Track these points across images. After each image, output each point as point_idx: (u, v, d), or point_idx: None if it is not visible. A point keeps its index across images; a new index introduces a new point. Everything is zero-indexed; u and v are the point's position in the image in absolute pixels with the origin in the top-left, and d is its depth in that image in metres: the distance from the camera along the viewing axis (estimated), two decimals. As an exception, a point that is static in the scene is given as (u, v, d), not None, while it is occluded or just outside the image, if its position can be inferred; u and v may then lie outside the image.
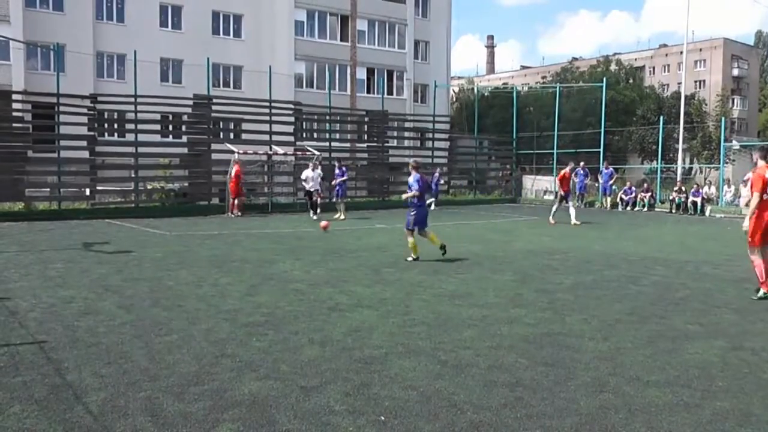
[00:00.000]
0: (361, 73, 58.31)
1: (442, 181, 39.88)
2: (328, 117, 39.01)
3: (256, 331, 8.44)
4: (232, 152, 30.25)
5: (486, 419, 5.67)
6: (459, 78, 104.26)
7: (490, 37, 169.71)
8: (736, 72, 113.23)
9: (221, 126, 38.05)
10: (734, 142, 62.22)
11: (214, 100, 33.49)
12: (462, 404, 5.99)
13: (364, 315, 9.52)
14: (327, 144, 36.82)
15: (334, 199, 25.21)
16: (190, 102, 32.61)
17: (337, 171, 26.46)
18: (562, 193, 26.37)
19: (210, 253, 16.25)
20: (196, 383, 6.39)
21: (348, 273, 13.35)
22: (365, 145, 41.00)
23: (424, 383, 6.51)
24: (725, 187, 40.61)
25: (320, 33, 56.06)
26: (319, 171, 26.55)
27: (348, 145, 41.36)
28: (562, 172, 26.86)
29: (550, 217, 26.61)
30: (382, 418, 5.61)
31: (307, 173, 26.77)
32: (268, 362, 7.07)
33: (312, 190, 26.56)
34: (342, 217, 26.09)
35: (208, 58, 34.83)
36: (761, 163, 11.24)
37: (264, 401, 5.93)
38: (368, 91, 57.73)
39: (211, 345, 7.76)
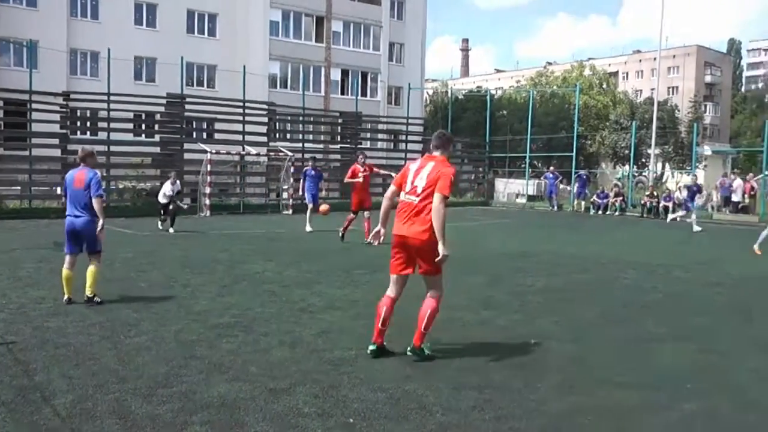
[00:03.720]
0: (336, 75, 58.21)
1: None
2: (301, 118, 39.04)
3: (226, 332, 8.41)
4: (205, 152, 30.17)
5: (455, 421, 5.71)
6: (433, 80, 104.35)
7: (465, 40, 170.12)
8: (709, 79, 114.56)
9: (194, 125, 37.91)
10: (706, 148, 62.69)
11: (188, 100, 33.40)
12: (431, 406, 6.02)
13: (334, 316, 9.55)
14: (300, 145, 36.81)
15: (310, 205, 22.67)
16: (164, 101, 32.50)
17: (312, 172, 23.49)
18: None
19: (181, 254, 16.19)
20: (165, 385, 6.35)
21: (319, 274, 13.35)
22: (338, 146, 41.03)
23: (393, 385, 6.53)
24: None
25: (295, 33, 55.91)
26: (178, 185, 22.82)
27: (321, 146, 41.30)
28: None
29: None
30: (351, 420, 5.62)
31: (164, 188, 22.64)
32: (237, 364, 7.04)
33: (166, 202, 22.32)
34: (308, 228, 22.31)
35: (182, 57, 34.74)
36: None
37: (233, 403, 5.91)
38: (342, 93, 57.61)
39: (180, 346, 7.73)
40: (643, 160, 63.03)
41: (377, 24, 59.86)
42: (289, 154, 33.04)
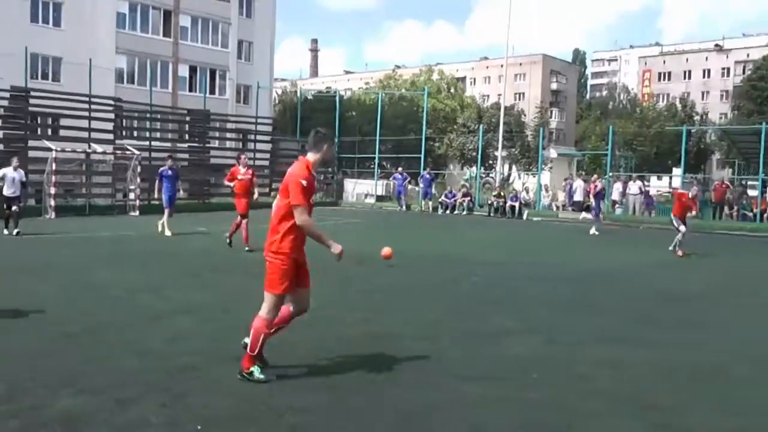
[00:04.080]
0: (183, 71, 57.32)
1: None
2: (149, 115, 38.10)
3: (72, 342, 8.17)
4: (50, 150, 29.09)
5: (307, 421, 5.80)
6: (283, 80, 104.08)
7: (314, 41, 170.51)
8: (554, 86, 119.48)
9: (39, 121, 36.42)
10: (552, 151, 65.03)
11: (32, 93, 32.02)
12: (280, 408, 6.06)
13: (182, 322, 9.45)
14: (147, 143, 35.80)
15: (167, 209, 21.44)
16: (6, 94, 31.04)
17: (168, 172, 21.80)
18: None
19: (24, 259, 15.58)
20: (8, 401, 6.10)
21: (168, 278, 13.18)
22: (186, 145, 40.23)
23: (243, 389, 6.54)
24: (543, 192, 42.42)
25: (142, 27, 54.68)
26: (21, 172, 21.23)
27: (169, 144, 40.36)
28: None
29: None
30: (199, 427, 5.59)
31: (5, 171, 20.80)
32: (84, 376, 6.85)
33: (12, 196, 20.54)
34: (168, 233, 21.10)
35: (26, 47, 33.36)
36: None
37: (78, 417, 5.74)
38: (190, 90, 56.75)
39: (24, 359, 7.44)
40: (491, 161, 64.70)
41: (226, 21, 59.28)
42: (136, 152, 32.28)
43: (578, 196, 39.21)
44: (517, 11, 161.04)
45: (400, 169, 42.12)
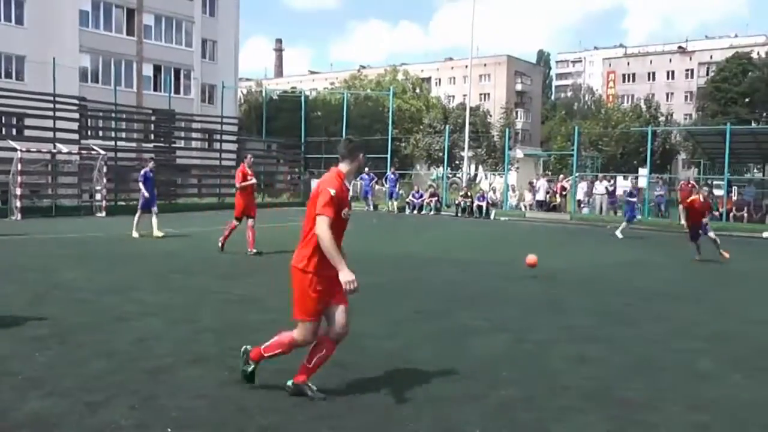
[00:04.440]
0: (148, 70, 56.96)
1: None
2: (114, 114, 37.81)
3: (39, 345, 8.06)
4: (15, 150, 28.76)
5: (276, 422, 5.81)
6: (248, 80, 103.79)
7: (279, 41, 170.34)
8: (519, 87, 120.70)
9: (3, 121, 35.99)
10: (518, 151, 65.50)
11: (-3, 93, 31.67)
12: (251, 409, 6.07)
13: (151, 323, 9.37)
14: (113, 143, 35.47)
15: (152, 208, 20.99)
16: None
17: (150, 174, 21.51)
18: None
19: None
20: (-25, 404, 6.02)
21: (135, 280, 13.03)
22: (152, 145, 39.89)
23: (213, 391, 6.53)
24: (510, 192, 42.70)
25: (106, 25, 54.26)
26: None
27: (134, 144, 40.06)
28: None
29: None
30: (169, 430, 5.58)
31: None
32: (52, 378, 6.79)
33: None
34: (160, 233, 20.73)
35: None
36: None
37: (47, 420, 5.70)
38: (155, 89, 56.40)
39: (-9, 362, 7.34)
40: (457, 162, 65.01)
41: (189, 19, 59.00)
42: (102, 152, 32.03)
43: (540, 196, 39.88)
44: (482, 12, 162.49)
45: (366, 169, 42.21)
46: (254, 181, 17.98)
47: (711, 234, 18.86)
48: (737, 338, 9.66)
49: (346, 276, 6.01)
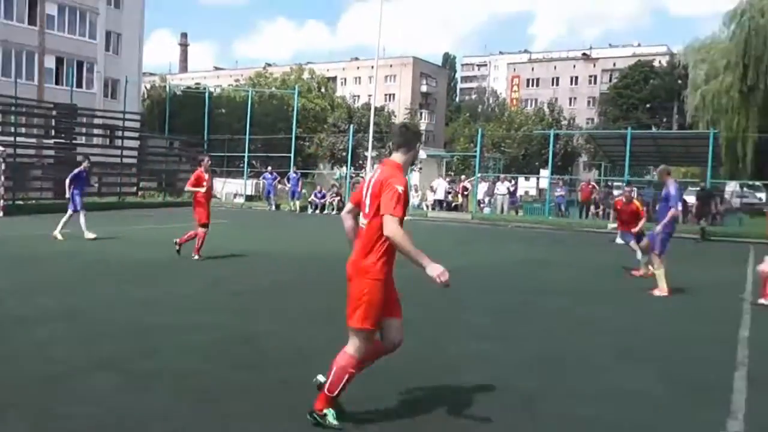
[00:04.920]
0: (50, 62, 54.91)
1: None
2: (13, 108, 36.61)
3: None
4: None
5: (177, 427, 5.73)
6: (151, 74, 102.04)
7: (184, 35, 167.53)
8: (424, 88, 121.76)
9: None
10: (422, 152, 65.90)
11: None
12: (148, 417, 5.91)
13: (50, 328, 9.04)
14: (12, 139, 33.76)
15: (78, 210, 20.01)
16: None
17: (84, 174, 20.48)
18: None
19: None
20: None
21: (36, 283, 12.64)
22: (53, 141, 38.82)
23: (111, 398, 6.34)
24: (412, 192, 43.04)
25: (6, 13, 52.04)
26: None
27: (35, 140, 38.83)
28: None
29: None
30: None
31: None
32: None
33: None
34: (92, 235, 19.63)
35: None
36: None
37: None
38: (57, 83, 54.50)
39: None
40: (361, 162, 65.14)
41: (93, 10, 57.31)
42: (1, 149, 31.06)
43: (439, 195, 40.76)
44: (390, 13, 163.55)
45: (269, 168, 42.09)
46: (204, 189, 16.97)
47: (632, 243, 16.49)
48: (631, 331, 9.96)
49: (435, 269, 5.39)
